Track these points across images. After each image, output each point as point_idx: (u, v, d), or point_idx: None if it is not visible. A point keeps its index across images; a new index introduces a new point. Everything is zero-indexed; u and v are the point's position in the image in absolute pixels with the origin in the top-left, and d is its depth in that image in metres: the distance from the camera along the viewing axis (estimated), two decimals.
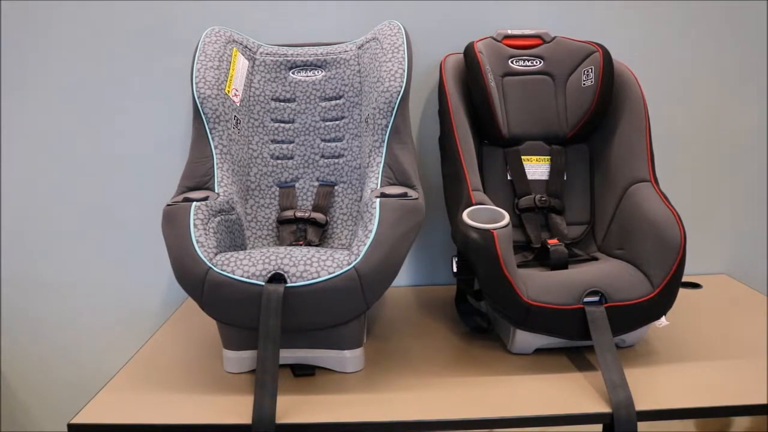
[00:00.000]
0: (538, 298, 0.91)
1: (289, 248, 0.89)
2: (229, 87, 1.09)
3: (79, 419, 0.83)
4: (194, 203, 0.92)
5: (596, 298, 0.92)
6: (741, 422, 1.33)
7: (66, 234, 1.33)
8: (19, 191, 1.31)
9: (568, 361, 0.96)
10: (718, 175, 1.35)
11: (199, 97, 1.04)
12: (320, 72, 1.17)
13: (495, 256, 0.89)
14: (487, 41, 1.19)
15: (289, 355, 0.92)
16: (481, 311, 1.11)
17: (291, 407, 0.84)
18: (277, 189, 1.15)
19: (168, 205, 0.93)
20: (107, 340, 1.37)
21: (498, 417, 0.83)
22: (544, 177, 1.17)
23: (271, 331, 0.82)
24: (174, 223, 0.90)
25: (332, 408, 0.85)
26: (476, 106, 1.12)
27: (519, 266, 0.99)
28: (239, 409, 0.83)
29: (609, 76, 1.12)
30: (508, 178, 1.17)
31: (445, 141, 1.11)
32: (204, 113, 1.04)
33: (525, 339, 0.97)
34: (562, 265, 1.05)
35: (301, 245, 1.05)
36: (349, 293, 0.85)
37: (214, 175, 1.01)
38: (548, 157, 1.18)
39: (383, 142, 1.03)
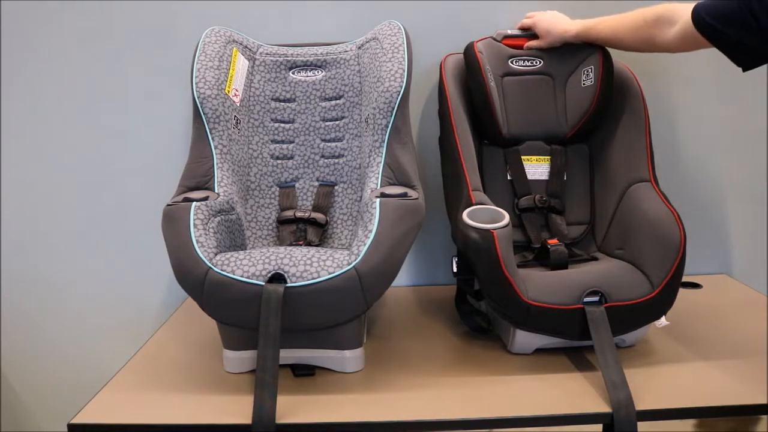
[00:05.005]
0: (538, 298, 0.91)
1: (289, 248, 0.89)
2: (229, 87, 1.09)
3: (79, 419, 0.83)
4: (194, 203, 0.92)
5: (596, 298, 0.92)
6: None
7: (66, 234, 1.33)
8: (19, 191, 1.31)
9: (568, 361, 0.96)
10: (718, 175, 1.35)
11: (199, 97, 1.04)
12: (320, 72, 1.17)
13: (495, 256, 0.89)
14: (487, 41, 1.19)
15: (289, 355, 0.92)
16: (481, 311, 1.11)
17: (291, 407, 0.84)
18: (277, 189, 1.15)
19: (168, 205, 0.93)
20: (107, 340, 1.37)
21: (498, 417, 0.83)
22: (544, 177, 1.17)
23: (272, 331, 0.82)
24: (174, 223, 0.90)
25: (332, 408, 0.85)
26: (476, 106, 1.13)
27: (519, 266, 0.99)
28: (239, 409, 0.83)
29: (609, 76, 1.12)
30: (508, 178, 1.17)
31: (445, 141, 1.11)
32: (204, 113, 1.04)
33: (525, 339, 0.97)
34: (562, 265, 1.05)
35: (301, 245, 1.05)
36: (349, 293, 0.85)
37: (214, 175, 1.01)
38: (548, 157, 1.18)
39: (383, 142, 1.03)
